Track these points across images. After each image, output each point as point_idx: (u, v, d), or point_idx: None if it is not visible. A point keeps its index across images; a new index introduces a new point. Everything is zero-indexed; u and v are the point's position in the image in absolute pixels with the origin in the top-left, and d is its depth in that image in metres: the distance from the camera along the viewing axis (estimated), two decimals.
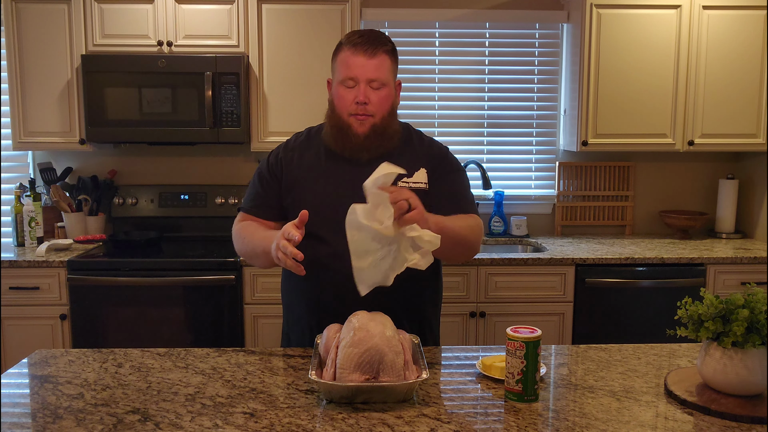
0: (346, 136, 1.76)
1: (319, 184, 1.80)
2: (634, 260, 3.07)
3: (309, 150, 1.86)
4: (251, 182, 1.92)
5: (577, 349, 1.75)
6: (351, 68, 1.73)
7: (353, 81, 1.73)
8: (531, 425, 1.29)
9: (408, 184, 1.75)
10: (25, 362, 1.64)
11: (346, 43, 1.76)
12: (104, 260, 3.02)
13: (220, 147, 3.58)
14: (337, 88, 1.77)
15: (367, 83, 1.73)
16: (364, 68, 1.72)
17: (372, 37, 1.75)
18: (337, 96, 1.76)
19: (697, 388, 1.43)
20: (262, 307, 3.03)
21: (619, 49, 3.26)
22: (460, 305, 3.04)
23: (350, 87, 1.74)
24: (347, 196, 1.65)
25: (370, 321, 1.41)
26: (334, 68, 1.79)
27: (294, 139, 1.91)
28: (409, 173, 1.75)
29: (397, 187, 1.52)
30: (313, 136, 1.89)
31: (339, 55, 1.77)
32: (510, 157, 3.72)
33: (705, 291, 1.42)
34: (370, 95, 1.73)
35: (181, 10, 3.17)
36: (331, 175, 1.80)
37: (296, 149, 1.87)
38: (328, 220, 1.71)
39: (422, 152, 1.85)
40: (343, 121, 1.76)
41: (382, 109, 1.75)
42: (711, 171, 3.73)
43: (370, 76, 1.73)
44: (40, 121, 3.22)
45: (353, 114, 1.74)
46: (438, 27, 3.60)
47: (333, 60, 1.80)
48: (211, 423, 1.29)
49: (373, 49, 1.73)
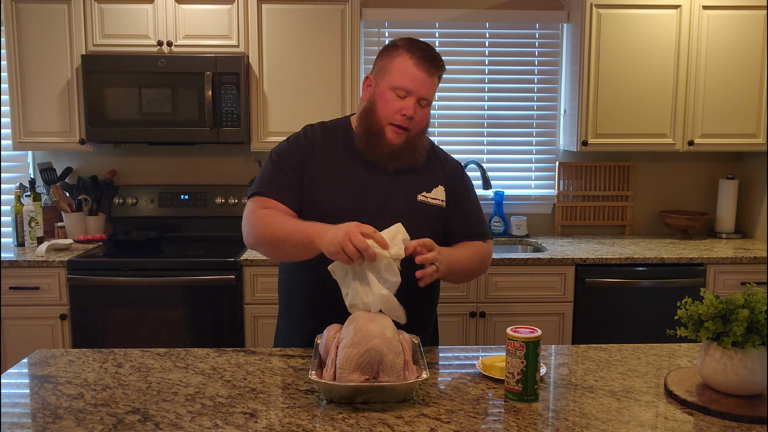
0: (378, 143, 1.73)
1: (343, 184, 1.75)
2: (634, 260, 3.07)
3: (331, 146, 1.80)
4: (266, 167, 1.80)
5: (577, 349, 1.75)
6: (409, 80, 1.69)
7: (406, 92, 1.70)
8: (531, 425, 1.29)
9: (427, 199, 1.79)
10: (25, 362, 1.64)
11: (407, 50, 1.71)
12: (104, 260, 3.03)
13: (220, 147, 3.58)
14: (384, 93, 1.72)
15: (417, 99, 1.71)
16: (422, 84, 1.70)
17: (434, 55, 1.72)
18: (383, 100, 1.72)
19: (697, 388, 1.43)
20: (262, 307, 3.03)
21: (619, 49, 3.27)
22: (460, 305, 3.04)
23: (401, 97, 1.70)
24: (371, 200, 1.71)
25: (370, 322, 1.41)
26: (387, 70, 1.72)
27: (309, 132, 1.83)
28: (429, 189, 1.80)
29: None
30: (329, 132, 1.83)
31: (396, 59, 1.71)
32: (510, 157, 3.72)
33: (705, 291, 1.42)
34: (417, 112, 1.72)
35: (181, 10, 3.17)
36: (356, 177, 1.76)
37: (315, 142, 1.80)
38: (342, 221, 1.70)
39: (442, 169, 1.87)
40: (380, 126, 1.72)
41: (419, 127, 1.76)
42: (711, 171, 3.73)
43: (424, 94, 1.71)
44: (40, 121, 3.22)
45: (394, 124, 1.72)
46: (438, 27, 3.60)
47: (385, 60, 1.74)
48: (211, 423, 1.29)
49: (435, 69, 1.72)
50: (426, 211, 1.79)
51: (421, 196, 1.79)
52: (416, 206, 1.78)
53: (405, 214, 1.74)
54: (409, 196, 1.78)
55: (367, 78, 1.79)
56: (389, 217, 1.70)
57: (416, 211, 1.78)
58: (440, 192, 1.82)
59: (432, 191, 1.81)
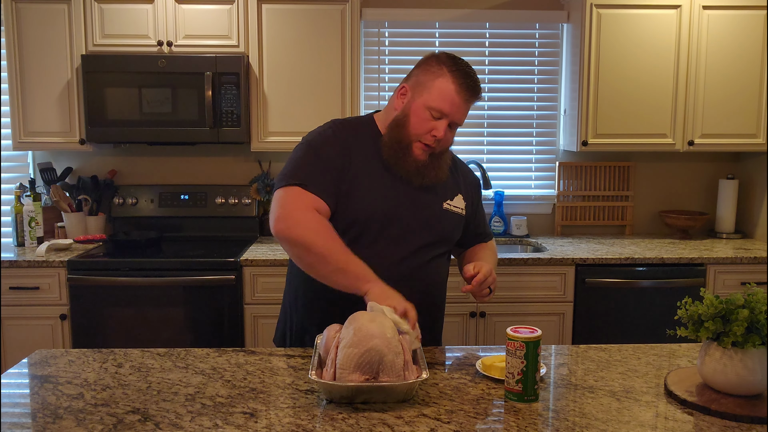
0: (405, 157, 1.73)
1: (377, 191, 1.74)
2: (634, 260, 3.07)
3: (361, 149, 1.76)
4: (305, 155, 1.72)
5: (577, 349, 1.75)
6: (449, 104, 1.69)
7: (441, 114, 1.70)
8: (531, 425, 1.29)
9: (451, 207, 1.84)
10: (25, 362, 1.64)
11: (451, 73, 1.71)
12: (104, 260, 3.02)
13: (220, 147, 3.58)
14: (419, 110, 1.71)
15: (450, 122, 1.73)
16: (459, 111, 1.72)
17: (476, 82, 1.74)
18: (417, 117, 1.71)
19: (697, 388, 1.43)
20: (262, 307, 3.03)
21: (619, 49, 3.26)
22: (460, 305, 3.04)
23: (435, 118, 1.70)
24: (403, 209, 1.75)
25: (370, 322, 1.41)
26: (426, 87, 1.71)
27: (341, 131, 1.77)
28: (452, 197, 1.85)
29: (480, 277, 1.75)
30: (360, 134, 1.79)
31: (439, 79, 1.71)
32: (510, 157, 3.72)
33: (705, 291, 1.42)
34: (447, 134, 1.74)
35: (181, 10, 3.17)
36: (382, 185, 1.75)
37: (350, 142, 1.75)
38: (370, 228, 1.72)
39: (458, 176, 1.92)
40: (408, 141, 1.72)
41: (445, 146, 1.78)
42: (711, 171, 3.73)
43: (458, 119, 1.73)
44: (40, 121, 3.22)
45: (422, 142, 1.72)
46: (438, 27, 3.60)
47: (426, 76, 1.72)
48: (211, 423, 1.29)
49: (474, 97, 1.74)
50: (451, 218, 1.84)
51: (446, 204, 1.83)
52: (443, 214, 1.82)
53: (434, 221, 1.80)
54: (436, 205, 1.81)
55: (404, 87, 1.77)
56: (420, 225, 1.77)
57: (443, 218, 1.82)
58: (460, 200, 1.87)
59: (454, 199, 1.85)
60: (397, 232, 1.74)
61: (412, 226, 1.76)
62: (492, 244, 2.04)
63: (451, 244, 1.89)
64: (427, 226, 1.78)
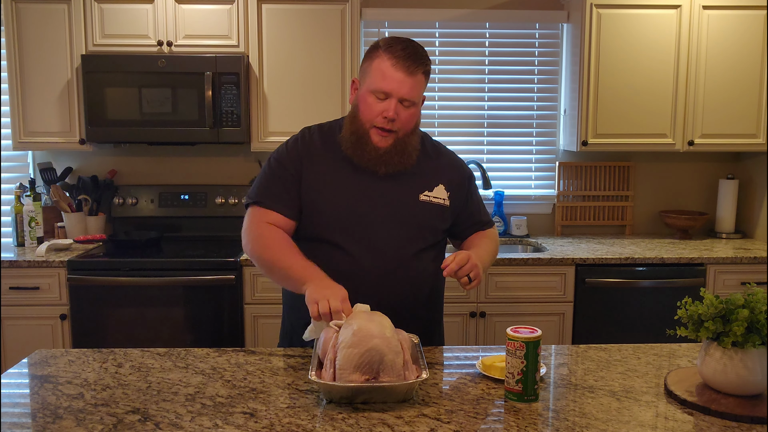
0: (364, 147, 1.71)
1: (338, 192, 1.75)
2: (634, 260, 3.07)
3: (326, 152, 1.78)
4: (264, 173, 1.80)
5: (577, 349, 1.75)
6: (387, 81, 1.65)
7: (385, 94, 1.67)
8: (531, 425, 1.29)
9: (430, 199, 1.79)
10: (25, 362, 1.64)
11: (386, 51, 1.67)
12: (104, 260, 3.02)
13: (220, 147, 3.58)
14: (365, 96, 1.69)
15: (399, 100, 1.68)
16: (400, 85, 1.66)
17: (414, 54, 1.67)
18: (364, 103, 1.69)
19: (697, 388, 1.43)
20: (262, 307, 3.03)
21: (619, 49, 3.26)
22: (460, 305, 3.04)
23: (381, 99, 1.67)
24: (365, 207, 1.73)
25: (370, 322, 1.41)
26: (367, 72, 1.70)
27: (307, 136, 1.81)
28: (429, 188, 1.80)
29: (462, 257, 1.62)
30: (327, 136, 1.81)
31: (375, 60, 1.68)
32: (510, 157, 3.72)
33: (705, 291, 1.42)
34: (400, 113, 1.68)
35: (181, 10, 3.17)
36: (350, 184, 1.75)
37: (312, 148, 1.78)
38: (344, 228, 1.72)
39: (439, 166, 1.85)
40: (364, 130, 1.71)
41: (406, 127, 1.72)
42: (711, 171, 3.73)
43: (404, 94, 1.67)
44: (40, 121, 3.22)
45: (377, 126, 1.69)
46: (438, 27, 3.60)
47: (366, 62, 1.71)
48: (211, 423, 1.29)
49: (414, 67, 1.66)
50: (429, 210, 1.80)
51: (423, 196, 1.79)
52: (419, 206, 1.78)
53: (407, 214, 1.76)
54: (411, 197, 1.78)
55: (354, 81, 1.78)
56: (390, 218, 1.73)
57: (419, 210, 1.78)
58: (441, 191, 1.82)
59: (433, 190, 1.81)
60: (367, 227, 1.72)
61: (381, 220, 1.73)
62: (490, 232, 1.96)
63: (437, 236, 1.83)
64: (398, 219, 1.74)
